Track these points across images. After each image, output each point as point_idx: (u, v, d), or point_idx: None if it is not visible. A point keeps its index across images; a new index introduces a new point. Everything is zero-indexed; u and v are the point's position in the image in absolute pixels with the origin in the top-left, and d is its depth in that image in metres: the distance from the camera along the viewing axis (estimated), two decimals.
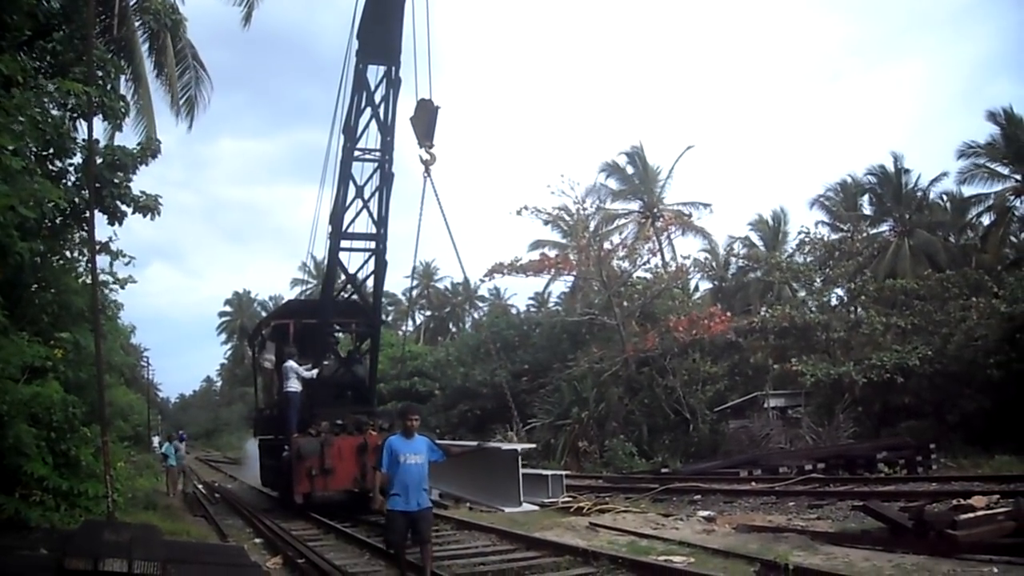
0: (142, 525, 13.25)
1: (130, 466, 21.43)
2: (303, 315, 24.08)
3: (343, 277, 22.40)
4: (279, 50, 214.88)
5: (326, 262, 22.78)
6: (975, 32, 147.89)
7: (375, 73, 20.01)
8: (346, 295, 23.02)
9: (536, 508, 20.65)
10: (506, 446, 13.30)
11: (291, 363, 21.97)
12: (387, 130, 20.33)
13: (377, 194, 21.01)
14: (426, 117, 19.63)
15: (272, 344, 25.03)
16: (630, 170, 57.08)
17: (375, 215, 21.16)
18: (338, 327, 25.17)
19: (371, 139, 20.69)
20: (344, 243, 21.54)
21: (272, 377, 25.18)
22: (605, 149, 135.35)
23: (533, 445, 18.45)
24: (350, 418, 22.17)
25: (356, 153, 20.67)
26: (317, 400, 22.37)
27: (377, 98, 20.14)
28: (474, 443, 17.68)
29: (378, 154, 20.67)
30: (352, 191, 20.82)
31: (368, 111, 20.25)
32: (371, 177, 20.98)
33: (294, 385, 21.86)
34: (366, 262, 21.91)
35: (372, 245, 21.51)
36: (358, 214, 21.21)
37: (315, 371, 22.18)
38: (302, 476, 20.67)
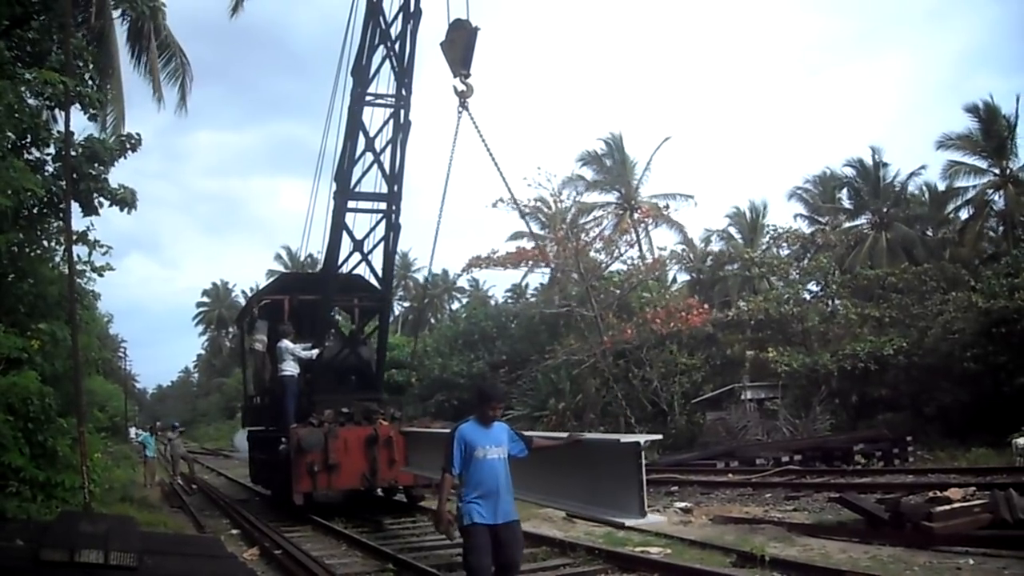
0: (118, 516, 13.22)
1: (107, 457, 21.22)
2: (300, 290, 21.77)
3: (349, 246, 19.62)
4: (255, 44, 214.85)
5: (329, 227, 19.54)
6: (956, 25, 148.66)
7: (391, 2, 17.82)
8: (348, 269, 20.28)
9: (663, 519, 14.51)
10: (626, 438, 9.60)
11: (287, 343, 19.88)
12: (404, 71, 18.33)
13: (390, 146, 18.76)
14: (462, 41, 16.40)
15: (263, 323, 22.23)
16: (608, 161, 57.02)
17: (387, 170, 18.84)
18: (341, 304, 22.53)
19: (383, 83, 18.59)
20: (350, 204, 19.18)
21: (264, 361, 22.22)
22: (584, 141, 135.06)
23: (658, 436, 12.59)
24: (357, 405, 19.84)
25: (367, 98, 18.49)
26: (317, 386, 20.18)
27: (393, 33, 18.01)
28: (564, 434, 12.15)
29: (392, 99, 18.55)
30: (361, 143, 18.60)
31: (382, 49, 18.18)
32: (383, 127, 18.72)
33: (291, 368, 19.82)
34: (375, 227, 19.58)
35: (383, 206, 19.26)
36: (366, 171, 19.00)
37: (315, 351, 19.98)
38: (302, 473, 18.16)
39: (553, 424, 36.35)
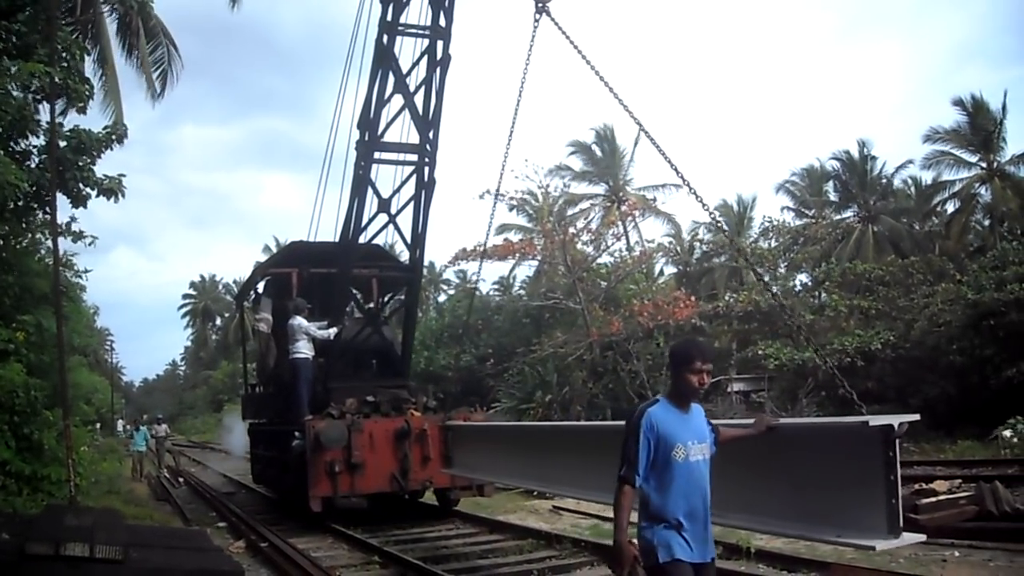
0: (104, 509, 13.25)
1: (93, 450, 21.15)
2: (312, 261, 18.92)
3: (370, 207, 16.85)
4: (242, 39, 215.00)
5: (351, 184, 16.92)
6: (946, 18, 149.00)
7: None
8: (368, 237, 17.40)
9: (921, 536, 6.94)
10: (875, 420, 6.34)
11: (299, 320, 17.10)
12: None
13: (424, 87, 16.07)
14: None
15: (268, 301, 19.83)
16: (598, 152, 57.01)
17: (420, 115, 16.13)
18: (363, 276, 19.32)
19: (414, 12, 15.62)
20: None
21: (269, 343, 19.95)
22: (574, 132, 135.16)
23: (915, 417, 7.39)
24: (384, 393, 17.39)
25: (399, 28, 15.64)
26: (333, 371, 17.78)
27: None
28: (749, 420, 7.39)
29: (427, 30, 15.67)
30: (391, 82, 15.86)
31: None
32: (416, 64, 16.00)
33: (304, 349, 17.03)
34: (404, 183, 16.80)
35: (412, 158, 16.53)
36: (393, 119, 16.22)
37: (332, 330, 17.29)
38: (320, 474, 15.63)
39: (540, 416, 36.36)
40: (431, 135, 16.31)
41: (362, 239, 17.08)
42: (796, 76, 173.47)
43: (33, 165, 15.46)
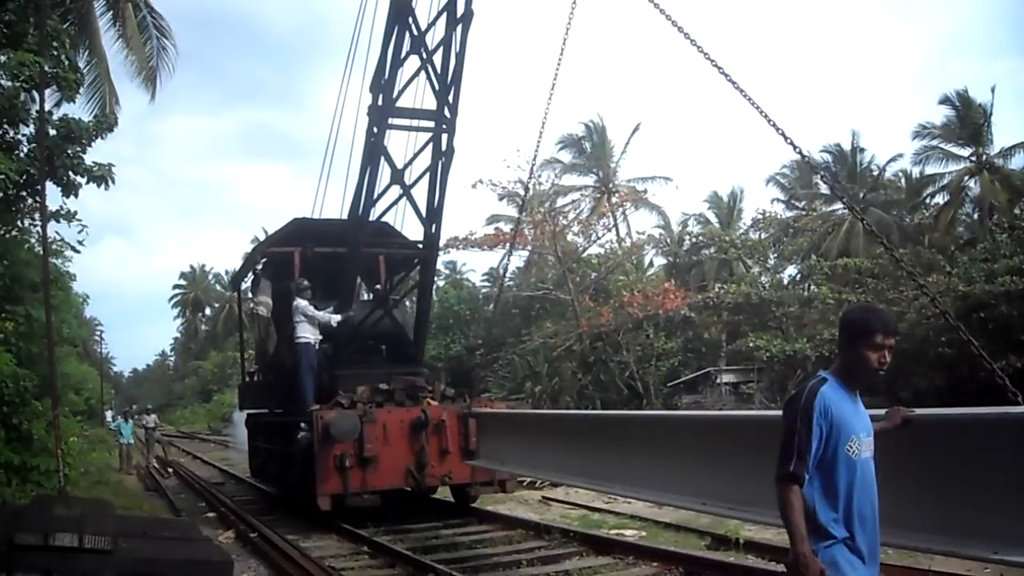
0: (94, 500, 13.21)
1: (83, 440, 21.08)
2: (316, 239, 17.52)
3: (386, 179, 15.42)
4: (231, 29, 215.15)
5: (362, 155, 15.55)
6: (935, 11, 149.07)
7: None
8: (375, 213, 15.94)
9: None
10: None
11: (301, 302, 15.86)
12: None
13: (442, 48, 14.46)
14: None
15: (268, 284, 18.46)
16: (587, 145, 57.10)
17: (439, 78, 14.70)
18: (373, 254, 17.65)
19: None
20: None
21: (269, 328, 18.64)
22: (564, 123, 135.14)
23: None
24: (399, 381, 15.92)
25: None
26: (339, 357, 16.41)
27: None
28: (881, 411, 5.40)
29: None
30: (407, 42, 14.35)
31: None
32: (434, 22, 14.34)
33: (307, 334, 15.85)
34: (419, 152, 15.42)
35: (430, 124, 15.13)
36: (406, 85, 14.81)
37: (337, 316, 16.03)
38: (329, 469, 14.29)
39: (530, 406, 36.49)
40: (451, 98, 14.83)
41: (373, 214, 15.79)
42: (786, 68, 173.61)
43: (22, 154, 15.42)
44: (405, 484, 15.24)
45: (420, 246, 16.59)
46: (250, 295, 20.83)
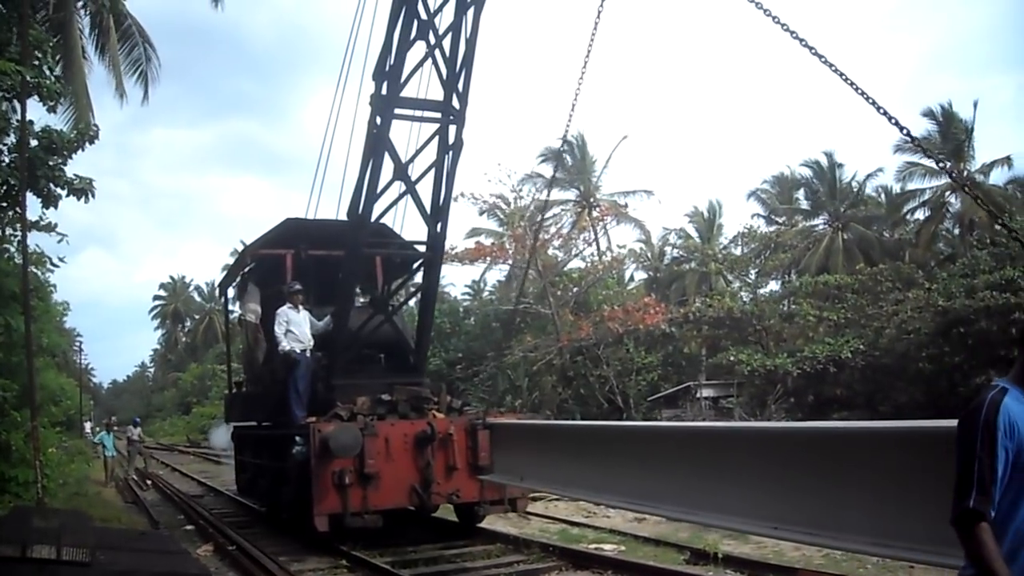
0: (72, 511, 13.17)
1: (61, 452, 20.96)
2: (310, 241, 16.45)
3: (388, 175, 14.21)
4: (212, 42, 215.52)
5: (363, 148, 14.39)
6: (917, 27, 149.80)
7: None
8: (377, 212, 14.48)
9: None
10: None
11: (283, 308, 14.90)
12: None
13: (451, 33, 13.45)
14: None
15: (256, 289, 17.17)
16: (569, 160, 57.17)
17: (446, 66, 13.67)
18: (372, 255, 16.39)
19: None
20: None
21: (257, 335, 17.19)
22: (546, 137, 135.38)
23: None
24: (402, 391, 14.64)
25: None
26: (335, 366, 15.02)
27: None
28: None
29: None
30: (414, 27, 13.37)
31: None
32: (442, 6, 13.37)
33: (291, 342, 14.68)
34: (424, 146, 14.32)
35: (436, 115, 14.00)
36: (410, 75, 13.70)
37: (323, 322, 15.17)
38: (327, 486, 13.05)
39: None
40: (460, 86, 13.77)
41: (374, 213, 14.38)
42: (767, 83, 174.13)
43: (3, 164, 15.39)
44: (409, 503, 13.92)
45: (424, 247, 15.41)
46: (237, 301, 19.89)
